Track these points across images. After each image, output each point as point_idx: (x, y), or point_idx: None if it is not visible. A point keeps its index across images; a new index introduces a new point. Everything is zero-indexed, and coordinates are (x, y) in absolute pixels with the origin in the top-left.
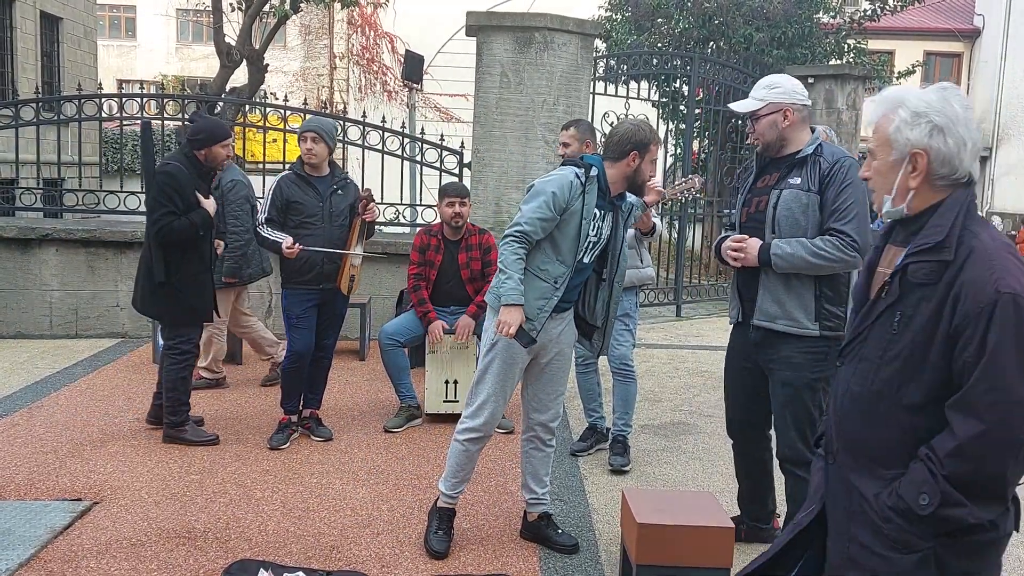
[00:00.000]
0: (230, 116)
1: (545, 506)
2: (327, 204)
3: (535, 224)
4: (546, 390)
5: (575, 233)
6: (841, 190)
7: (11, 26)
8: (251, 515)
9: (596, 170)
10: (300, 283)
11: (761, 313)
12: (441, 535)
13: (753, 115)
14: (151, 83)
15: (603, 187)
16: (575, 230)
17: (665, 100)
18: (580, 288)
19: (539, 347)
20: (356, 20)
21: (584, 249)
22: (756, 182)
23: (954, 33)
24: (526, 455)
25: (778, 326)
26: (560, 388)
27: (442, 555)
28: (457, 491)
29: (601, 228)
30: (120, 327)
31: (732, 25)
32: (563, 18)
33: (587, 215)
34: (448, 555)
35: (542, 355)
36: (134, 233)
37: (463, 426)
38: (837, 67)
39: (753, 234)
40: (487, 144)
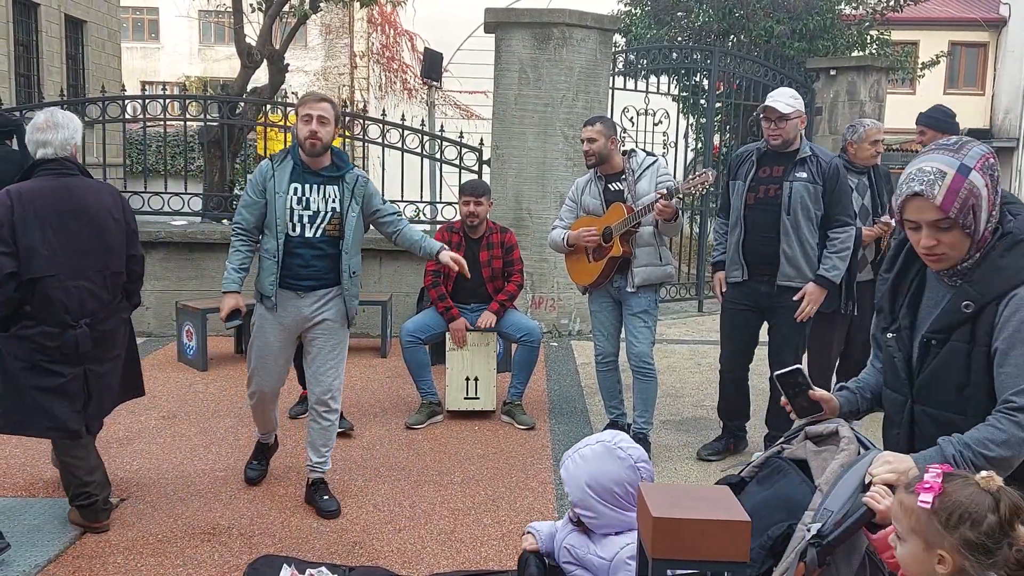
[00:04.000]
0: (251, 116)
1: (319, 474)
2: None
3: (242, 212)
4: (314, 365)
5: (276, 208)
6: (835, 187)
7: (37, 30)
8: (275, 511)
9: (289, 148)
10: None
11: (782, 276)
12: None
13: (783, 117)
14: (174, 84)
15: (297, 161)
16: (275, 207)
17: (685, 94)
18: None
19: (298, 324)
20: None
21: (296, 223)
22: (758, 172)
23: (979, 22)
24: (309, 427)
25: (795, 283)
26: (330, 363)
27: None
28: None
29: (312, 200)
30: (145, 326)
31: (753, 18)
32: (582, 13)
33: (280, 190)
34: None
35: (307, 333)
36: (158, 233)
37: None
38: (860, 59)
39: (764, 215)
40: (506, 141)
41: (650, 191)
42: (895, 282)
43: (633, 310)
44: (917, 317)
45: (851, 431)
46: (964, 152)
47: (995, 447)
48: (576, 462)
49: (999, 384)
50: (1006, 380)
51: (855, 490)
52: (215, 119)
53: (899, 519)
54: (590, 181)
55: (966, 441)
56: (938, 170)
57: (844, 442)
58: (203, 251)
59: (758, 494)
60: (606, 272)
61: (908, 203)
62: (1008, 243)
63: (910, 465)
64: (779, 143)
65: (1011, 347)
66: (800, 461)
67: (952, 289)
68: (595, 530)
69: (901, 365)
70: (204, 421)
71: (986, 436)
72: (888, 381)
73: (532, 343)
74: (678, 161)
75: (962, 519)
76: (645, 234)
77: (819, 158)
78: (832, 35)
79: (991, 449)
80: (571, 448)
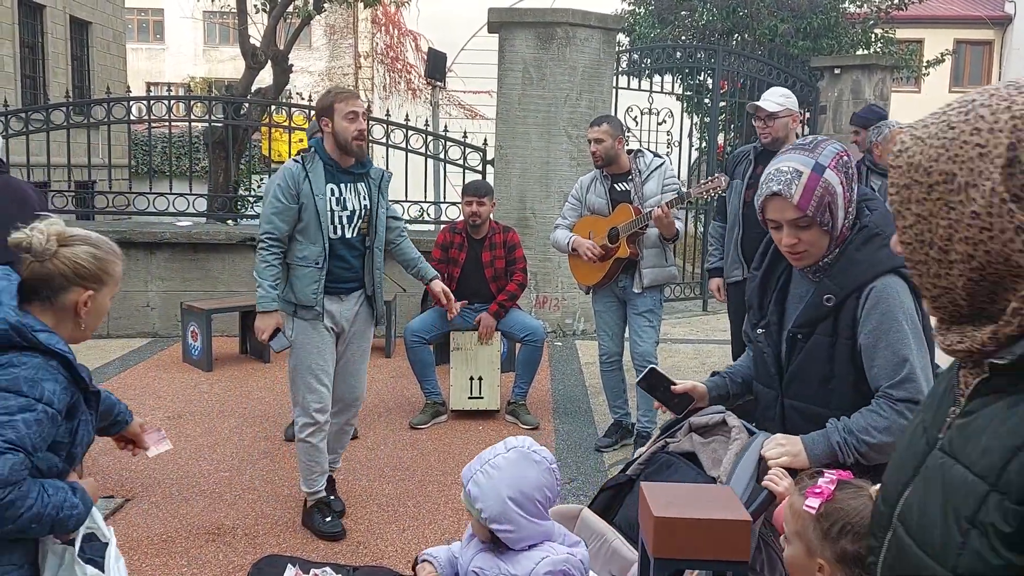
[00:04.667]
0: (256, 117)
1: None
2: None
3: (273, 221)
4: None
5: (318, 211)
6: None
7: (42, 31)
8: (280, 511)
9: (313, 148)
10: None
11: None
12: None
13: (771, 115)
14: (179, 85)
15: (327, 160)
16: (313, 210)
17: (689, 94)
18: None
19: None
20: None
21: (336, 225)
22: (755, 170)
23: (985, 20)
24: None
25: None
26: (361, 367)
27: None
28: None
29: (348, 199)
30: (151, 326)
31: (756, 17)
32: (585, 13)
33: (318, 193)
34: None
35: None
36: (163, 234)
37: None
38: (864, 57)
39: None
40: (510, 141)
41: (657, 193)
42: (763, 279)
43: (638, 309)
44: (784, 313)
45: (737, 419)
46: (819, 151)
47: (878, 433)
48: (489, 474)
49: (873, 377)
50: (879, 372)
51: (752, 476)
52: (219, 120)
53: (788, 520)
54: (595, 180)
55: (850, 427)
56: (795, 169)
57: (734, 431)
58: (208, 252)
59: None
60: (611, 273)
61: (768, 203)
62: (863, 237)
63: (800, 448)
64: (769, 141)
65: (877, 340)
66: (688, 454)
67: (813, 284)
68: (512, 545)
69: (771, 360)
70: (209, 421)
71: (870, 423)
72: (760, 377)
73: (536, 343)
74: (682, 160)
75: (843, 530)
76: (652, 235)
77: None
78: (836, 34)
79: (874, 436)
80: (474, 462)
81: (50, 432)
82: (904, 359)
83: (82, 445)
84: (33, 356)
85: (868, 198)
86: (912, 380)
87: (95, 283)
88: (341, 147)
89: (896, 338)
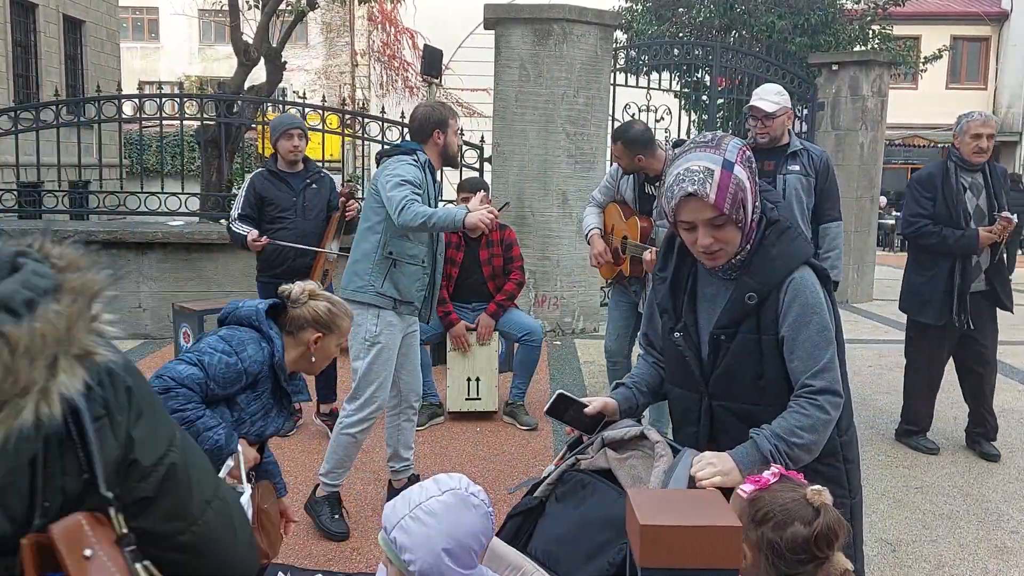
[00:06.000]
0: (249, 114)
1: (412, 469)
2: (300, 199)
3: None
4: (409, 364)
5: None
6: (827, 180)
7: (35, 30)
8: None
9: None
10: (272, 276)
11: None
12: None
13: (769, 115)
14: (173, 84)
15: (431, 169)
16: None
17: (687, 90)
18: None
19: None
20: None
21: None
22: None
23: (981, 16)
24: (398, 428)
25: None
26: (417, 361)
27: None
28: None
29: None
30: (143, 328)
31: (754, 13)
32: (582, 9)
33: (432, 192)
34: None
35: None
36: (155, 234)
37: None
38: (862, 53)
39: None
40: (507, 138)
41: None
42: (674, 281)
43: None
44: (698, 314)
45: (658, 433)
46: (724, 148)
47: (804, 433)
48: (422, 520)
49: (793, 370)
50: (799, 365)
51: None
52: (212, 118)
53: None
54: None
55: (777, 432)
56: (705, 168)
57: (659, 447)
58: (200, 251)
59: (568, 514)
60: (620, 277)
61: (683, 204)
62: (777, 231)
63: (732, 464)
64: (766, 141)
65: (798, 332)
66: (603, 471)
67: (727, 283)
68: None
69: (693, 363)
70: None
71: (794, 424)
72: (677, 380)
73: (534, 343)
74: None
75: (767, 517)
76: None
77: (810, 152)
78: (834, 30)
79: (801, 437)
80: (399, 503)
81: (234, 382)
82: (823, 348)
83: (252, 422)
84: (254, 332)
85: (764, 190)
86: (830, 369)
87: (325, 329)
88: (447, 159)
89: (815, 329)
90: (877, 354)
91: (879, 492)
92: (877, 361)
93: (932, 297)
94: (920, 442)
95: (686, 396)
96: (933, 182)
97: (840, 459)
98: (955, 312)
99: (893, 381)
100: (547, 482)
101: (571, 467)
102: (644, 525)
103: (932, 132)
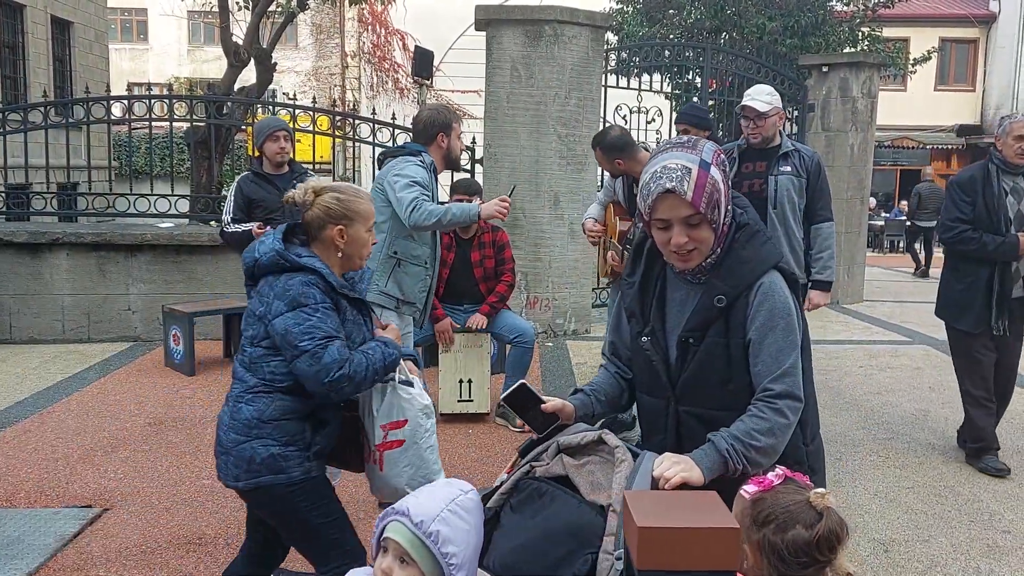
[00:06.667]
0: (239, 116)
1: None
2: None
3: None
4: None
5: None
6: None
7: (23, 31)
8: None
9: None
10: None
11: None
12: None
13: (761, 115)
14: (162, 85)
15: (434, 171)
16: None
17: (678, 92)
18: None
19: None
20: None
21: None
22: (740, 169)
23: (969, 19)
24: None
25: None
26: None
27: None
28: None
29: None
30: (132, 330)
31: (745, 15)
32: (573, 10)
33: (435, 198)
34: None
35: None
36: (144, 236)
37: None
38: (852, 55)
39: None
40: (499, 139)
41: None
42: (642, 285)
43: None
44: (666, 318)
45: (616, 438)
46: (699, 149)
47: (762, 437)
48: (461, 516)
49: (756, 373)
50: (762, 368)
51: None
52: (201, 119)
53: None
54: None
55: (735, 435)
56: (683, 167)
57: (618, 452)
58: (190, 254)
59: (526, 524)
60: (615, 274)
61: (661, 201)
62: (747, 234)
63: (692, 463)
64: (759, 141)
65: (764, 336)
66: (559, 478)
67: (696, 286)
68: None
69: (661, 368)
70: (191, 428)
71: (752, 427)
72: (645, 387)
73: (526, 344)
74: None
75: (768, 519)
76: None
77: (801, 152)
78: (824, 32)
79: (758, 440)
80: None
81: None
82: (787, 353)
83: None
84: (294, 275)
85: (733, 196)
86: (792, 375)
87: (344, 220)
88: (450, 162)
89: (781, 335)
90: (868, 354)
91: (871, 492)
92: (868, 362)
93: (971, 304)
94: (989, 463)
95: (654, 403)
96: (974, 185)
97: (806, 468)
98: (994, 319)
99: (884, 382)
100: (500, 491)
101: (526, 475)
102: (642, 527)
103: (921, 133)
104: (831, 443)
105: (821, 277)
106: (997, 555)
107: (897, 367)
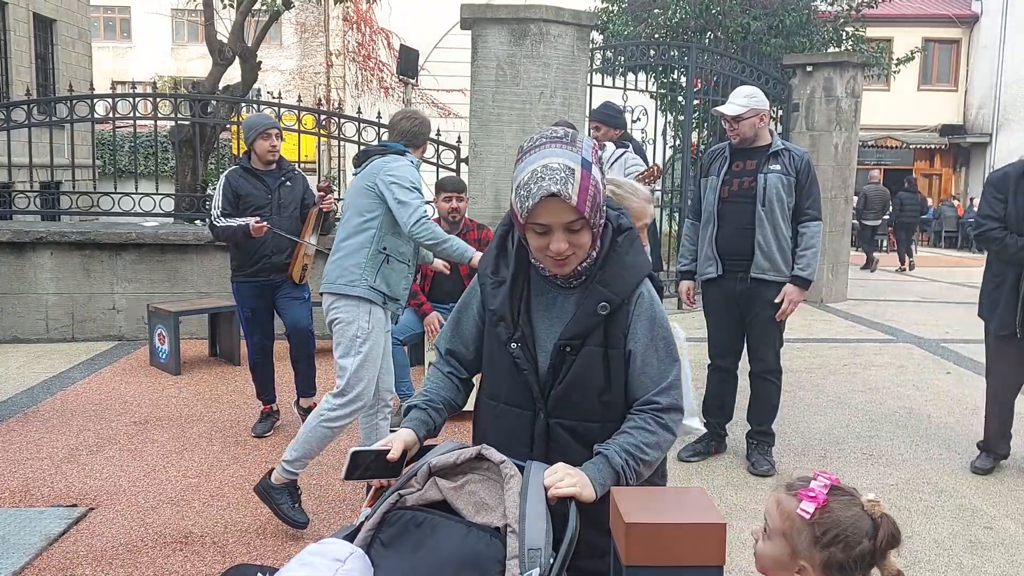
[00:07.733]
0: (224, 114)
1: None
2: (276, 196)
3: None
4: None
5: None
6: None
7: (4, 28)
8: (249, 519)
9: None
10: (247, 275)
11: (756, 268)
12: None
13: (736, 117)
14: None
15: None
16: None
17: (663, 91)
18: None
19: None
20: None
21: None
22: (730, 167)
23: (952, 19)
24: (375, 426)
25: (768, 276)
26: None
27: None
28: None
29: None
30: (117, 329)
31: (729, 14)
32: (558, 9)
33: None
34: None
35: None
36: (129, 235)
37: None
38: (836, 55)
39: (739, 207)
40: (484, 138)
41: None
42: (512, 287)
43: None
44: (534, 324)
45: (497, 453)
46: (578, 145)
47: (650, 451)
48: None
49: (639, 385)
50: (647, 382)
51: (546, 513)
52: (186, 118)
53: (772, 516)
54: None
55: (627, 448)
56: (566, 167)
57: (504, 467)
58: (175, 253)
59: (407, 560)
60: None
61: (542, 206)
62: (629, 240)
63: (586, 478)
64: (738, 142)
65: (646, 347)
66: (436, 503)
67: (567, 291)
68: None
69: (531, 378)
70: (176, 427)
71: (642, 441)
72: (506, 396)
73: None
74: (656, 158)
75: (836, 539)
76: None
77: (791, 151)
78: (808, 32)
79: (647, 454)
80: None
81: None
82: (670, 365)
83: None
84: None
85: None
86: (676, 387)
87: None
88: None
89: (663, 345)
90: (852, 352)
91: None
92: (852, 359)
93: (998, 305)
94: (976, 461)
95: (517, 414)
96: (1006, 183)
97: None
98: (1018, 323)
99: (868, 379)
100: (366, 528)
101: (394, 506)
102: (630, 523)
103: (904, 133)
104: (815, 441)
105: (801, 273)
106: (979, 551)
107: (880, 365)
